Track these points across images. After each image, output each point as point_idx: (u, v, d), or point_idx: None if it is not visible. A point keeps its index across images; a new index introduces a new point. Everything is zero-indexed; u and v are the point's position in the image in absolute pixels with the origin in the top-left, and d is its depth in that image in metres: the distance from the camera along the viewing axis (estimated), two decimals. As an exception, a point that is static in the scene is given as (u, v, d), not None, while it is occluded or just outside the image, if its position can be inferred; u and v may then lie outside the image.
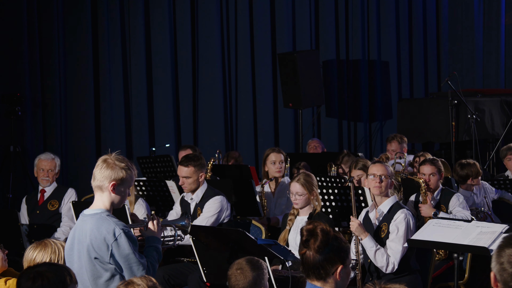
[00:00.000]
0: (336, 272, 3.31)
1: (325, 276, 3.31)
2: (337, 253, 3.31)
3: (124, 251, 3.93)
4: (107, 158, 4.02)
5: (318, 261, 3.29)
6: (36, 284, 3.25)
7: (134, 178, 4.11)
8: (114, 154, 4.04)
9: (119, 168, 4.00)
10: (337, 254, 3.31)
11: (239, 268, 4.22)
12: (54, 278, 3.29)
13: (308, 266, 3.33)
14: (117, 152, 4.07)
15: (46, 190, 7.34)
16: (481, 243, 4.73)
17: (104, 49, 10.22)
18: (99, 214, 4.00)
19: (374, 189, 5.44)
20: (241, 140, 11.13)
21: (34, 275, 3.27)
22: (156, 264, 4.14)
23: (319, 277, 3.32)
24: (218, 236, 5.29)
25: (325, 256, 3.29)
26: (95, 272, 3.98)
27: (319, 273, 3.31)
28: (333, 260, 3.30)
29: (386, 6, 11.80)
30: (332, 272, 3.30)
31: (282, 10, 11.22)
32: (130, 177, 4.04)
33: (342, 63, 11.66)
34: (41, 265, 3.46)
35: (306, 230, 3.34)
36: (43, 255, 4.17)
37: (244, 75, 11.11)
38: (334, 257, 3.30)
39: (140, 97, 10.52)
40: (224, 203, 6.22)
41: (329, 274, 3.31)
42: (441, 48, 12.21)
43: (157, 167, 8.24)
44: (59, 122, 9.93)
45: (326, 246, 3.29)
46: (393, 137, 8.86)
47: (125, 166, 4.02)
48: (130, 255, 3.94)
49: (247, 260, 4.28)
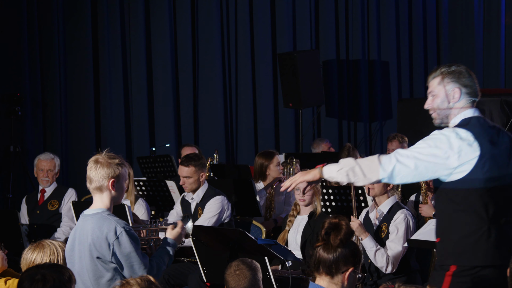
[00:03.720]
0: (346, 273, 3.32)
1: (335, 273, 3.32)
2: (353, 255, 3.34)
3: (126, 250, 3.94)
4: (98, 158, 4.06)
5: (333, 256, 3.31)
6: (39, 285, 3.25)
7: (128, 171, 4.17)
8: (104, 153, 4.07)
9: (114, 164, 4.04)
10: (352, 256, 3.33)
11: (238, 269, 4.22)
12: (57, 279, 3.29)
13: (321, 259, 3.34)
14: (107, 150, 4.10)
15: (46, 190, 7.34)
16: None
17: (104, 49, 10.22)
18: (100, 214, 4.02)
19: (369, 191, 5.46)
20: (241, 140, 11.13)
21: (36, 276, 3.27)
22: (163, 266, 4.13)
23: (328, 272, 3.33)
24: (218, 236, 5.29)
25: (341, 252, 3.32)
26: (97, 272, 3.98)
27: (330, 267, 3.32)
28: (347, 260, 3.32)
29: (386, 6, 11.79)
30: (342, 271, 3.32)
31: (282, 10, 11.22)
32: (125, 171, 4.11)
33: (342, 63, 11.66)
34: (42, 266, 3.46)
35: (330, 223, 3.36)
36: (42, 257, 4.17)
37: (244, 75, 11.11)
38: (349, 257, 3.32)
39: (140, 97, 10.52)
40: (225, 203, 6.23)
41: (339, 272, 3.32)
42: (441, 48, 12.20)
43: (157, 167, 8.24)
44: (59, 122, 9.93)
45: (346, 243, 3.31)
46: (394, 137, 8.86)
47: (119, 161, 4.07)
48: (131, 253, 3.94)
49: (242, 261, 4.28)
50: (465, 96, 3.89)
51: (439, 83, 3.94)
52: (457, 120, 3.87)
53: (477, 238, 3.73)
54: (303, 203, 5.92)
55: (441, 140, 3.76)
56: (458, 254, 3.75)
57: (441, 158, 3.72)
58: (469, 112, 3.88)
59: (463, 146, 3.72)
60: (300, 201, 5.91)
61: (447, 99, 3.91)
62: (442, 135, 3.77)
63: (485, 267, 3.73)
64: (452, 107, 3.91)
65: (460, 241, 3.75)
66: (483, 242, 3.73)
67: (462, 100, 3.89)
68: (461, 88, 3.89)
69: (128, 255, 3.94)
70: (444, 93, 3.92)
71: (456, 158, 3.71)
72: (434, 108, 3.96)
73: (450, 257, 3.77)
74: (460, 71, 3.91)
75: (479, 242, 3.73)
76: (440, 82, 3.94)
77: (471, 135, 3.74)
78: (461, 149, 3.72)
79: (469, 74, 3.93)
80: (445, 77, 3.92)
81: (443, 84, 3.92)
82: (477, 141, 3.73)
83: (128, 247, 3.94)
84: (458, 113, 3.89)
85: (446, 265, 3.77)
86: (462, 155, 3.71)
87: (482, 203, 3.73)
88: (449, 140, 3.74)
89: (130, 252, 3.94)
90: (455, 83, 3.90)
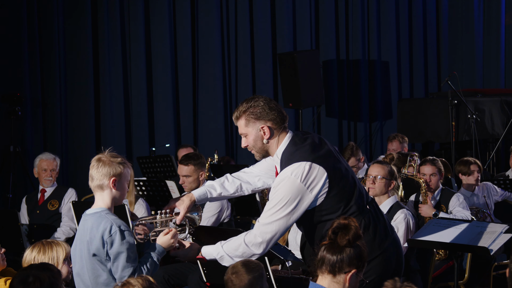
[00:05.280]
0: (348, 274, 3.32)
1: (338, 272, 3.33)
2: (358, 257, 3.34)
3: (115, 249, 3.94)
4: (101, 157, 4.07)
5: (338, 255, 3.31)
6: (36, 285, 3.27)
7: (130, 171, 4.15)
8: (107, 152, 4.09)
9: (116, 163, 4.04)
10: (357, 258, 3.34)
11: (234, 272, 4.21)
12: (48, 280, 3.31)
13: (325, 257, 3.34)
14: (109, 149, 4.11)
15: (47, 190, 7.34)
16: (481, 243, 4.73)
17: (104, 49, 10.22)
18: (99, 213, 4.03)
19: (370, 190, 5.45)
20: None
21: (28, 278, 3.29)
22: (147, 274, 4.07)
23: (331, 271, 3.33)
24: (218, 236, 5.28)
25: (347, 253, 3.31)
26: (95, 271, 4.00)
27: (334, 266, 3.33)
28: (352, 261, 3.32)
29: (386, 6, 11.80)
30: (345, 271, 3.32)
31: (282, 10, 11.22)
32: (127, 171, 4.10)
33: (342, 63, 11.66)
34: (33, 267, 3.49)
35: (339, 223, 3.37)
36: (42, 257, 4.17)
37: (244, 75, 11.11)
38: (353, 259, 3.33)
39: (140, 97, 10.51)
40: (224, 202, 6.23)
41: (342, 272, 3.32)
42: (441, 48, 12.20)
43: (157, 167, 8.24)
44: (59, 122, 9.93)
45: (353, 244, 3.32)
46: (394, 137, 8.86)
47: (121, 160, 4.07)
48: (120, 254, 3.94)
49: (243, 264, 4.27)
50: (274, 128, 4.02)
51: (245, 125, 4.06)
52: (280, 150, 4.02)
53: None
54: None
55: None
56: None
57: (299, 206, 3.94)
58: (285, 140, 4.02)
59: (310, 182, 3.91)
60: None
61: (260, 138, 4.04)
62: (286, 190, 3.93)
63: (373, 259, 3.94)
64: (267, 143, 4.05)
65: None
66: (366, 236, 3.89)
67: (274, 133, 4.02)
68: (267, 123, 4.00)
69: (116, 254, 3.94)
70: (254, 134, 4.05)
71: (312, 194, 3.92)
72: (251, 148, 4.11)
73: None
74: (262, 107, 4.01)
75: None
76: (246, 124, 4.06)
77: (309, 164, 3.90)
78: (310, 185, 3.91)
79: (269, 106, 4.02)
80: (249, 118, 4.03)
81: (250, 126, 4.05)
82: (317, 163, 3.90)
83: (118, 247, 3.94)
84: (277, 146, 4.04)
85: None
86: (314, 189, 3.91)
87: (346, 205, 3.97)
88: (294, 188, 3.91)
89: (119, 252, 3.94)
90: (260, 122, 4.01)
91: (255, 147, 4.08)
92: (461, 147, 10.46)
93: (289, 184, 3.91)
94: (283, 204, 3.93)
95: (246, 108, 4.02)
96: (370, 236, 3.94)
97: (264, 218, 4.00)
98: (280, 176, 3.96)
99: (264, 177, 4.40)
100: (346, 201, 3.95)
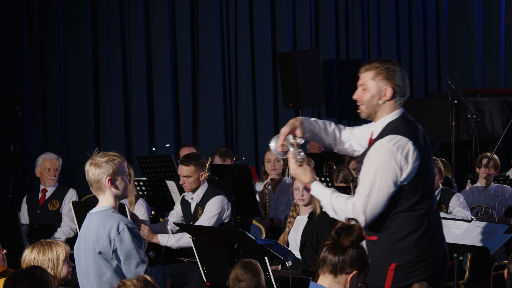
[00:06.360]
0: (349, 274, 3.33)
1: (339, 272, 3.35)
2: (360, 259, 3.35)
3: (126, 246, 3.97)
4: (91, 161, 4.16)
5: (340, 255, 3.32)
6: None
7: (124, 164, 4.19)
8: (95, 154, 4.17)
9: (105, 162, 4.10)
10: (359, 260, 3.35)
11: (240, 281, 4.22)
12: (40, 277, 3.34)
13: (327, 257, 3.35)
14: (96, 151, 4.19)
15: (48, 189, 7.34)
16: (481, 243, 4.73)
17: (104, 49, 10.22)
18: (104, 211, 4.08)
19: None
20: (241, 140, 11.13)
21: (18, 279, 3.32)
22: (160, 278, 4.18)
23: (332, 271, 3.35)
24: (218, 236, 5.29)
25: (349, 253, 3.33)
26: (99, 269, 4.02)
27: (335, 266, 3.34)
28: (354, 263, 3.34)
29: (386, 6, 11.80)
30: (346, 271, 3.33)
31: (282, 10, 11.22)
32: (120, 165, 4.15)
33: (342, 63, 11.66)
34: (18, 276, 3.52)
35: (343, 223, 3.39)
36: (42, 257, 4.18)
37: (244, 75, 11.11)
38: (355, 260, 3.34)
39: (140, 97, 10.51)
40: (224, 203, 6.23)
41: (343, 272, 3.34)
42: (441, 48, 12.21)
43: (157, 167, 8.24)
44: (59, 122, 9.92)
45: (356, 245, 3.33)
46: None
47: (109, 158, 4.13)
48: (131, 250, 3.97)
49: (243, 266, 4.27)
50: (395, 96, 3.94)
51: (372, 78, 3.95)
52: (387, 118, 3.95)
53: (420, 235, 3.84)
54: (302, 203, 5.91)
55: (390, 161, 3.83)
56: (403, 252, 3.83)
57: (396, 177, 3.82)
58: (397, 112, 3.97)
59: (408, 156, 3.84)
60: (300, 201, 5.90)
61: (378, 95, 3.94)
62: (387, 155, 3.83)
63: (424, 260, 3.84)
64: (381, 105, 3.96)
65: (405, 239, 3.83)
66: (424, 237, 3.84)
67: (392, 100, 3.94)
68: (393, 87, 3.92)
69: (127, 252, 3.97)
70: (375, 89, 3.95)
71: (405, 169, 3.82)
72: (363, 101, 3.99)
73: (394, 255, 3.84)
74: (395, 70, 3.94)
75: (422, 238, 3.84)
76: (373, 77, 3.95)
77: (411, 143, 3.85)
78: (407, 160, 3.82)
79: (402, 73, 3.96)
80: (379, 74, 3.94)
81: (376, 80, 3.94)
82: (415, 146, 3.84)
83: (129, 244, 3.97)
84: (387, 113, 3.96)
85: (388, 263, 3.84)
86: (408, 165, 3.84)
87: (420, 200, 3.86)
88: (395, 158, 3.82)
89: (131, 249, 3.97)
90: (388, 81, 3.92)
91: (368, 103, 3.96)
92: (461, 147, 10.46)
93: (387, 152, 3.82)
94: (380, 172, 3.81)
95: (381, 64, 3.94)
96: (428, 238, 3.86)
97: (362, 190, 3.85)
98: (379, 142, 3.87)
99: (354, 141, 4.28)
100: (421, 195, 3.86)
